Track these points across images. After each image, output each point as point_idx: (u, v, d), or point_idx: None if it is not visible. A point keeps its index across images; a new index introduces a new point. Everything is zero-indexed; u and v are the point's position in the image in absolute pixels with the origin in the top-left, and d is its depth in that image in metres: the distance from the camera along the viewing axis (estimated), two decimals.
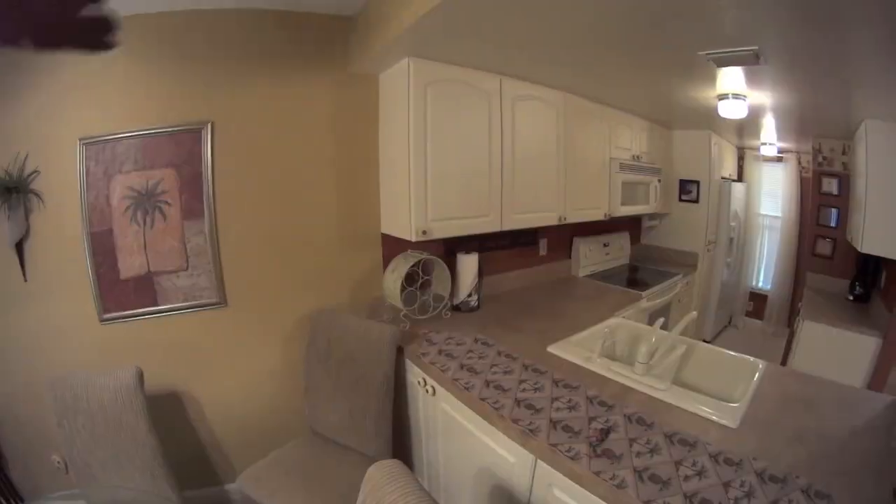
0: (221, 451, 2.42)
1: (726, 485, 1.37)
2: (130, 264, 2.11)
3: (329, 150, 2.45)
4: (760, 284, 6.46)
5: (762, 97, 3.04)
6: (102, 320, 2.11)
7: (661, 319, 2.51)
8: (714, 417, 1.74)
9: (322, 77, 2.38)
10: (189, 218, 2.16)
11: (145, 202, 2.09)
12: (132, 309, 2.15)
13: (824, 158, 4.49)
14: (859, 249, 3.24)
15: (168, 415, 2.20)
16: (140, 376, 1.83)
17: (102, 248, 2.07)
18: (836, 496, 1.36)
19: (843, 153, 4.31)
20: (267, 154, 2.28)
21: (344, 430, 2.22)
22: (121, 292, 2.12)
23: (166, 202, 2.12)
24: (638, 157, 4.06)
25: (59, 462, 2.12)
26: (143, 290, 2.15)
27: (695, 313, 2.43)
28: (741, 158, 6.26)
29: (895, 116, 2.89)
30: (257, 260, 2.33)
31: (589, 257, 4.07)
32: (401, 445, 2.49)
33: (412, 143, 2.24)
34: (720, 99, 3.03)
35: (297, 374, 2.40)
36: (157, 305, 2.18)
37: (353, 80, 2.45)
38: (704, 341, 5.35)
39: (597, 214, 3.60)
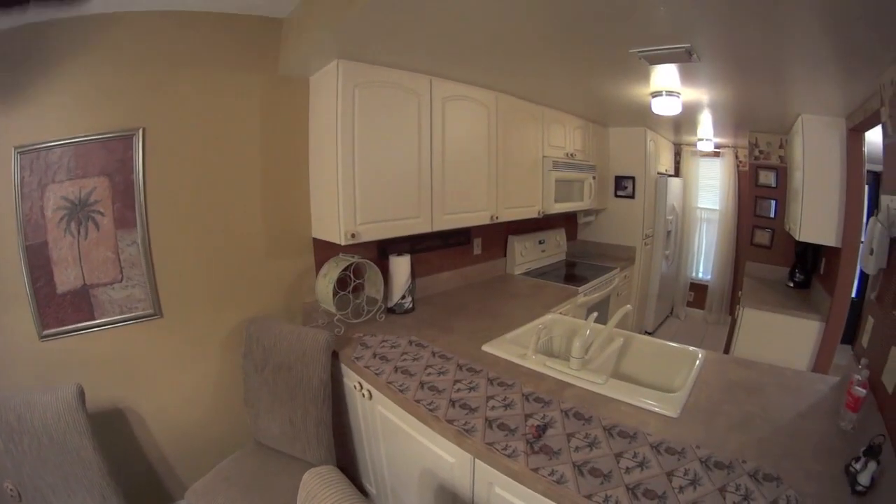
0: (169, 466, 2.42)
1: (669, 474, 1.44)
2: (66, 277, 2.10)
3: (260, 155, 2.50)
4: (700, 275, 6.98)
5: (698, 94, 3.20)
6: (42, 337, 2.08)
7: (595, 314, 2.71)
8: (654, 408, 1.82)
9: (253, 80, 2.42)
10: (122, 227, 2.17)
11: (78, 212, 2.08)
12: (71, 324, 2.13)
13: (761, 152, 4.87)
14: (797, 238, 3.57)
15: (113, 432, 2.21)
16: (81, 394, 1.81)
17: (39, 262, 2.04)
18: (786, 477, 1.44)
19: (781, 147, 4.70)
20: (198, 160, 2.31)
21: (286, 439, 2.26)
22: (58, 307, 2.10)
23: (99, 212, 2.12)
24: (572, 154, 4.30)
25: (11, 489, 2.02)
26: (80, 304, 2.13)
27: (629, 307, 2.56)
28: (678, 154, 6.73)
29: (830, 110, 3.17)
30: (191, 269, 2.35)
31: (525, 255, 4.28)
32: (345, 451, 2.57)
33: (340, 145, 2.32)
34: (654, 96, 3.19)
35: (236, 385, 2.44)
36: (95, 319, 2.17)
37: (284, 83, 2.52)
38: (647, 332, 5.88)
39: (530, 212, 3.81)
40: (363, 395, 2.20)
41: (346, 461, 2.60)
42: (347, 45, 2.14)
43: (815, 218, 3.43)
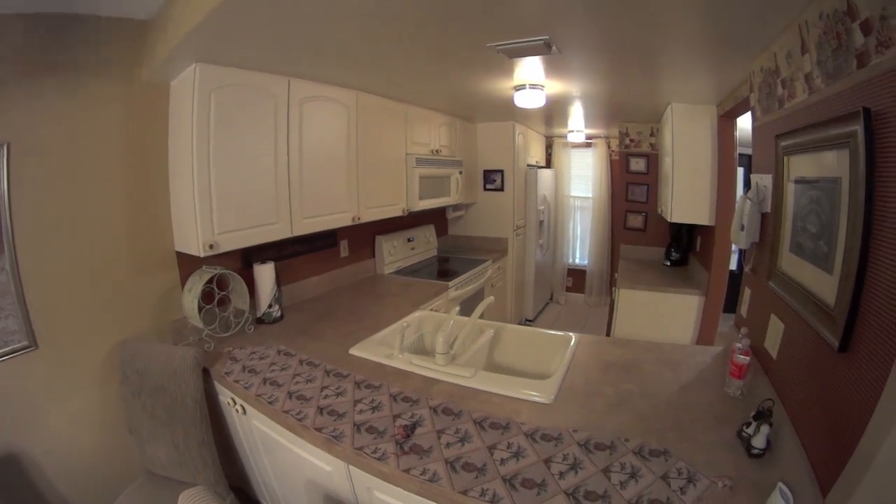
0: None
1: (547, 461, 1.53)
2: None
3: (121, 168, 2.46)
4: (577, 261, 7.71)
5: (567, 86, 3.39)
6: None
7: (457, 308, 2.94)
8: (526, 396, 1.94)
9: (115, 87, 2.39)
10: None
11: None
12: None
13: (631, 141, 5.45)
14: (669, 220, 4.02)
15: (10, 479, 2.14)
16: None
17: None
18: (674, 449, 1.55)
19: (652, 135, 5.29)
20: (62, 175, 2.25)
21: (173, 465, 2.26)
22: None
23: None
24: (437, 150, 4.62)
25: None
26: None
27: (492, 298, 2.69)
28: (549, 146, 7.38)
29: (701, 98, 3.53)
30: (61, 294, 2.28)
31: (394, 254, 4.51)
32: (235, 470, 2.61)
33: (195, 152, 2.33)
34: (517, 90, 3.33)
35: (120, 414, 2.43)
36: None
37: (146, 89, 2.50)
38: (527, 321, 6.46)
39: (395, 211, 4.03)
40: (237, 411, 2.24)
41: (237, 480, 2.65)
42: (205, 46, 2.16)
43: (687, 200, 3.86)
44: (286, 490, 2.29)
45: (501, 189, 5.70)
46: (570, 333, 2.62)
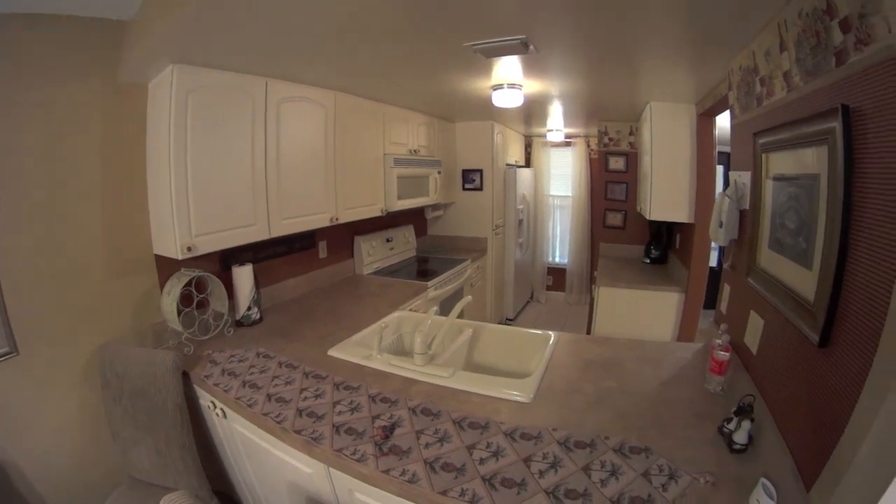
0: None
1: (527, 460, 1.53)
2: None
3: (99, 170, 2.43)
4: (558, 259, 7.75)
5: (546, 85, 3.39)
6: None
7: (435, 308, 2.92)
8: (505, 396, 1.95)
9: (93, 88, 2.35)
10: None
11: None
12: None
13: (610, 139, 5.47)
14: (648, 217, 4.04)
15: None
16: None
17: None
18: (655, 446, 1.56)
19: (631, 133, 5.31)
20: (38, 179, 2.21)
21: (157, 471, 2.25)
22: None
23: None
24: (416, 150, 4.62)
25: None
26: None
27: (469, 297, 2.68)
28: (529, 146, 7.43)
29: (681, 97, 3.55)
30: (40, 298, 2.24)
31: (373, 254, 4.51)
32: (218, 474, 2.58)
33: (172, 154, 2.32)
34: (495, 89, 3.35)
35: (102, 419, 2.39)
36: None
37: (124, 90, 2.47)
38: (508, 320, 6.49)
39: (373, 211, 4.03)
40: (218, 415, 2.22)
41: (221, 484, 2.63)
42: (182, 47, 2.16)
43: (666, 198, 3.89)
44: (269, 493, 2.27)
45: (480, 189, 5.72)
46: (549, 332, 2.62)
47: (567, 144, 7.11)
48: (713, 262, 4.15)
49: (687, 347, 2.47)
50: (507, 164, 6.20)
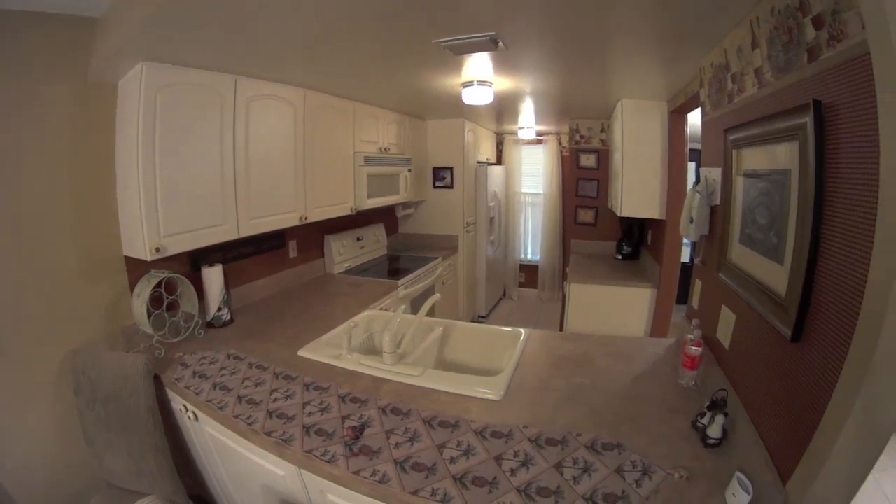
0: None
1: (498, 458, 1.53)
2: None
3: (67, 170, 2.38)
4: (529, 256, 7.81)
5: (517, 82, 3.40)
6: None
7: (403, 306, 2.92)
8: (475, 394, 1.95)
9: (61, 86, 2.30)
10: None
11: None
12: None
13: (581, 137, 5.51)
14: (619, 214, 4.06)
15: None
16: None
17: None
18: (628, 442, 1.57)
19: (602, 131, 5.36)
20: (6, 178, 2.15)
21: (131, 476, 2.24)
22: None
23: None
24: (386, 149, 4.60)
25: None
26: None
27: (438, 296, 2.63)
28: (500, 143, 7.44)
29: (652, 95, 3.59)
30: (9, 302, 2.18)
31: (343, 253, 4.48)
32: (193, 478, 2.56)
33: (141, 153, 2.30)
34: (465, 86, 3.36)
35: (76, 426, 2.35)
36: None
37: (93, 89, 2.42)
38: (480, 317, 6.49)
39: (343, 209, 4.01)
40: (190, 418, 2.20)
41: (196, 489, 2.61)
42: (150, 45, 2.14)
43: (638, 194, 3.93)
44: (244, 496, 2.25)
45: (451, 186, 5.72)
46: (520, 329, 2.63)
47: (539, 142, 7.14)
48: (685, 258, 4.20)
49: (659, 343, 2.49)
50: (479, 162, 6.22)
